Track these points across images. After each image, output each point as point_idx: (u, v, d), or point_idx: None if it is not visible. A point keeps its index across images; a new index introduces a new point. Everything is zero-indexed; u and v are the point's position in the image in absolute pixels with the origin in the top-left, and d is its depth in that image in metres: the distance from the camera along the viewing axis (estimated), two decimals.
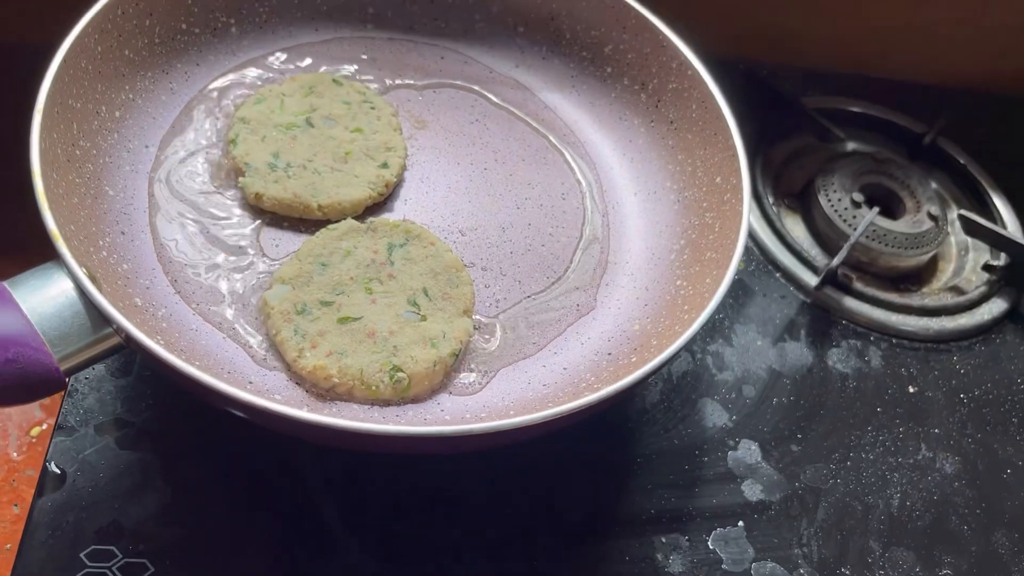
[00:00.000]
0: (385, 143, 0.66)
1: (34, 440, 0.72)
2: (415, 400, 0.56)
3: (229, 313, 0.58)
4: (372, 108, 0.67)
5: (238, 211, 0.62)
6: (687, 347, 0.64)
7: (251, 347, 0.56)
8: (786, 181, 0.84)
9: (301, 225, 0.62)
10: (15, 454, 0.71)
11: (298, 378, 0.55)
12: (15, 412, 0.73)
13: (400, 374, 0.54)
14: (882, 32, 0.91)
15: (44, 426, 0.73)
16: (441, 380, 0.56)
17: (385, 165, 0.65)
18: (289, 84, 0.67)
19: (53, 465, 0.56)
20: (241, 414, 0.49)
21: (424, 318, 0.57)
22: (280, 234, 0.62)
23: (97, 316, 0.49)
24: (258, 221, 0.62)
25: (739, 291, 0.74)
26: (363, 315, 0.56)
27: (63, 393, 0.59)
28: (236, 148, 0.63)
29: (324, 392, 0.55)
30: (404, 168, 0.66)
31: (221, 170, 0.64)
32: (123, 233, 0.59)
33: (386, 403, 0.55)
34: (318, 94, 0.67)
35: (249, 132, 0.64)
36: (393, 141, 0.66)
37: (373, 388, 0.54)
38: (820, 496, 0.64)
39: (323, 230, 0.60)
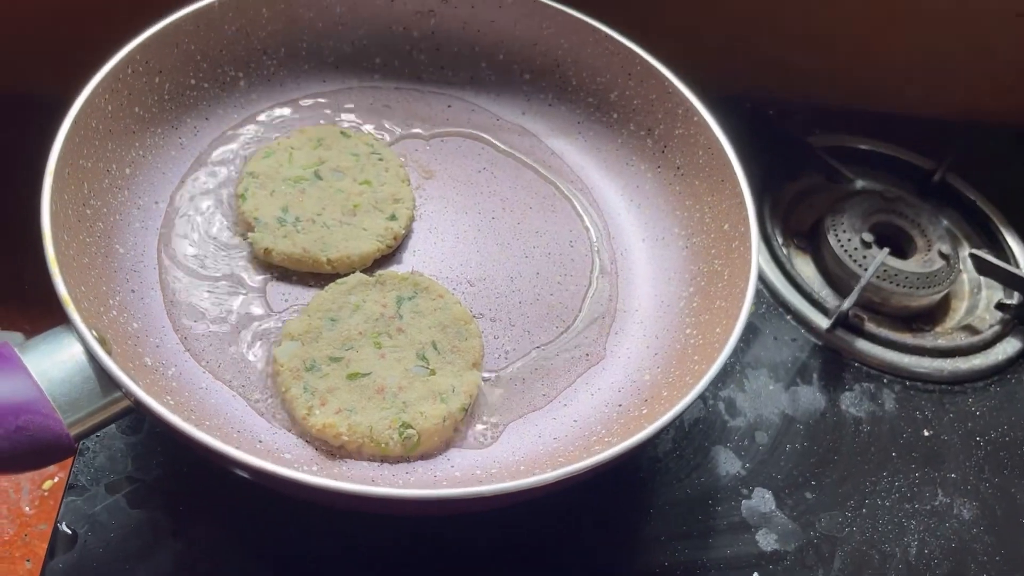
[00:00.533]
0: (393, 195, 0.66)
1: (46, 494, 0.72)
2: (425, 456, 0.55)
3: (238, 370, 0.58)
4: (380, 159, 0.68)
5: (247, 266, 0.62)
6: (700, 396, 0.64)
7: (260, 404, 0.56)
8: (795, 221, 0.83)
9: (310, 279, 0.62)
10: (27, 508, 0.71)
11: (308, 435, 0.55)
12: None
13: (410, 431, 0.54)
14: (889, 68, 0.91)
15: (56, 479, 0.73)
16: (451, 435, 0.56)
17: (393, 217, 0.65)
18: (297, 137, 0.68)
19: (64, 525, 0.56)
20: (250, 477, 0.49)
21: (433, 372, 0.57)
22: (289, 288, 0.62)
23: (107, 380, 0.49)
24: (267, 275, 0.62)
25: (749, 334, 0.74)
26: (372, 370, 0.56)
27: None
28: (245, 203, 0.63)
29: (334, 450, 0.55)
30: (412, 219, 0.67)
31: (229, 225, 0.64)
32: (133, 291, 0.59)
33: (396, 460, 0.55)
34: (326, 146, 0.68)
35: (258, 186, 0.64)
36: (401, 192, 0.66)
37: (383, 445, 0.54)
38: (836, 545, 0.63)
39: (332, 284, 0.60)
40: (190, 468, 0.59)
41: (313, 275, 0.63)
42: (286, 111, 0.72)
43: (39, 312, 0.70)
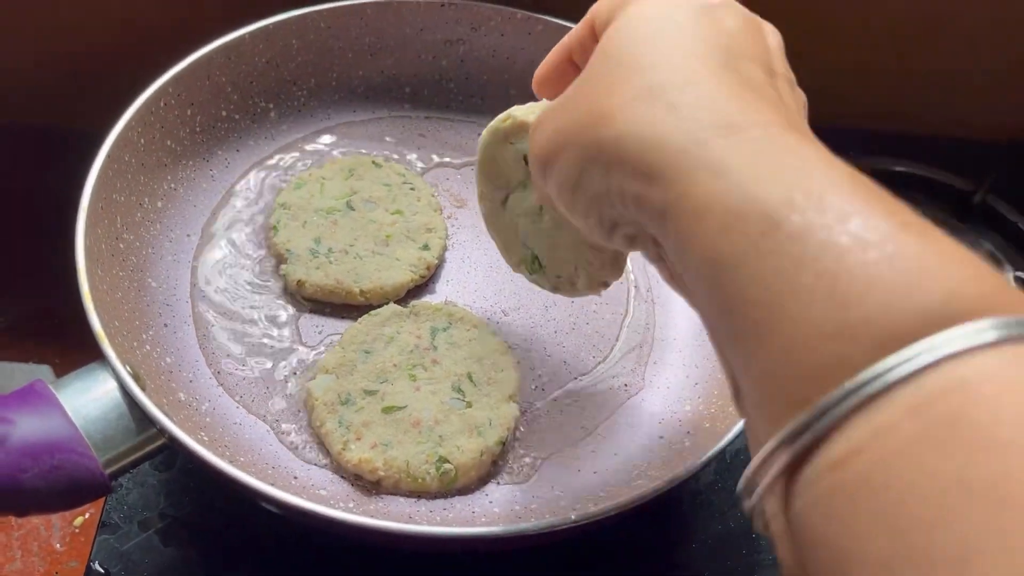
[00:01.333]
0: (426, 224, 0.65)
1: (77, 530, 0.71)
2: (462, 491, 0.54)
3: (272, 404, 0.57)
4: (412, 189, 0.67)
5: (280, 298, 0.62)
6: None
7: (295, 439, 0.56)
8: None
9: (344, 311, 0.62)
10: (58, 545, 0.71)
11: (343, 471, 0.54)
12: None
13: (447, 465, 0.53)
14: (924, 88, 0.89)
15: (87, 515, 0.72)
16: (488, 469, 0.55)
17: (426, 247, 0.64)
18: (329, 168, 0.68)
19: (97, 564, 0.56)
20: (285, 514, 0.48)
21: (469, 405, 0.56)
22: (322, 320, 0.61)
23: (141, 417, 0.48)
24: (300, 308, 0.62)
25: None
26: (407, 404, 0.55)
27: None
28: (277, 235, 0.63)
29: (370, 485, 0.54)
30: (445, 248, 0.66)
31: (262, 257, 0.63)
32: (166, 325, 0.59)
33: (433, 496, 0.54)
34: (358, 176, 0.67)
35: (290, 218, 0.64)
36: (433, 222, 0.66)
37: (419, 480, 0.53)
38: None
39: (365, 316, 0.60)
40: (224, 505, 0.58)
41: (347, 307, 0.62)
42: (317, 142, 0.71)
43: (69, 345, 0.69)
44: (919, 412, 0.24)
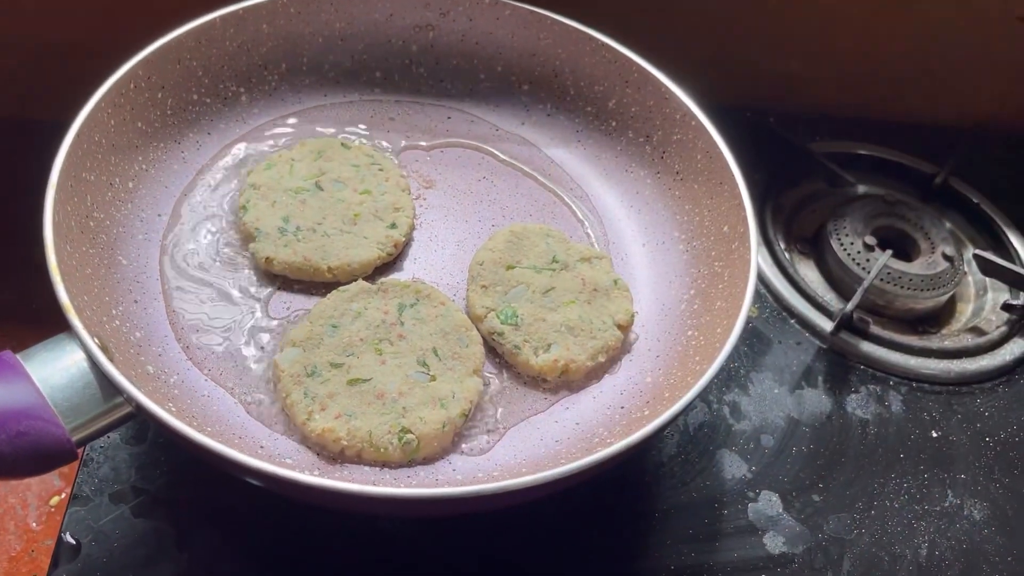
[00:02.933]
0: (393, 204, 0.67)
1: (53, 510, 0.72)
2: (425, 461, 0.55)
3: (240, 377, 0.58)
4: (380, 170, 0.68)
5: (249, 275, 0.63)
6: (702, 397, 0.63)
7: (261, 410, 0.57)
8: (798, 227, 0.83)
9: (312, 288, 0.63)
10: (34, 524, 0.72)
11: (308, 441, 0.55)
12: (34, 482, 0.73)
13: (409, 435, 0.54)
14: (889, 74, 0.91)
15: (63, 495, 0.73)
16: (451, 441, 0.56)
17: (393, 225, 0.65)
18: (299, 149, 0.69)
19: (68, 536, 0.56)
20: (253, 480, 0.49)
21: (434, 378, 0.57)
22: (291, 297, 0.62)
23: (108, 386, 0.49)
24: (269, 285, 0.63)
25: (754, 339, 0.73)
26: (372, 376, 0.56)
27: (78, 462, 0.59)
28: (247, 214, 0.64)
29: (334, 456, 0.55)
30: (413, 228, 0.67)
31: (231, 236, 0.64)
32: (136, 301, 0.60)
33: (397, 465, 0.55)
34: (327, 158, 0.68)
35: (259, 197, 0.65)
36: (401, 201, 0.67)
37: (382, 450, 0.54)
38: (845, 547, 0.62)
39: (334, 292, 0.61)
40: (195, 478, 0.59)
41: (315, 284, 0.63)
42: (287, 125, 0.72)
43: (48, 332, 0.70)
44: None
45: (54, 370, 0.49)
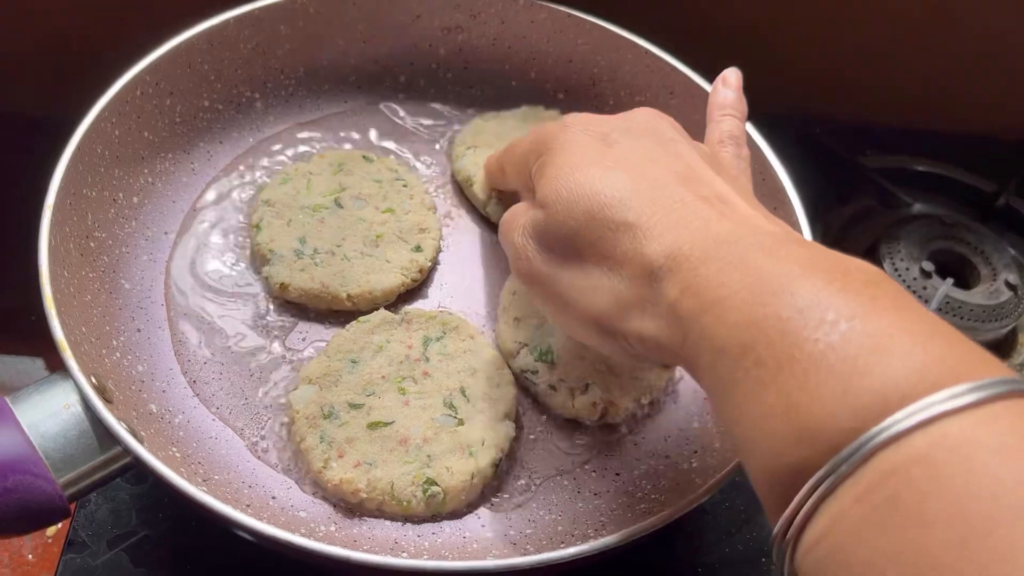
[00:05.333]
0: (419, 224, 0.62)
1: (50, 541, 0.68)
2: (452, 515, 0.50)
3: (251, 417, 0.53)
4: (404, 186, 0.63)
5: (262, 302, 0.58)
6: None
7: (273, 456, 0.52)
8: (847, 247, 0.77)
9: (330, 316, 0.58)
10: (30, 555, 0.67)
11: (324, 490, 0.50)
12: None
13: (435, 488, 0.49)
14: (945, 84, 0.85)
15: (60, 525, 0.68)
16: (480, 493, 0.51)
17: (419, 248, 0.60)
18: (317, 162, 0.64)
19: None
20: (260, 543, 0.44)
21: (461, 422, 0.52)
22: (307, 326, 0.57)
23: (105, 434, 0.45)
24: (284, 312, 0.58)
25: None
26: (395, 419, 0.52)
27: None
28: (260, 234, 0.59)
29: (353, 506, 0.50)
30: (439, 250, 0.62)
31: (243, 257, 0.60)
32: (139, 330, 0.55)
33: (420, 519, 0.50)
34: (347, 171, 0.63)
35: (274, 216, 0.60)
36: (427, 221, 0.62)
37: (405, 503, 0.49)
38: None
39: (354, 323, 0.56)
40: (199, 522, 0.55)
41: (333, 312, 0.58)
42: (305, 133, 0.67)
43: (46, 344, 0.66)
44: (861, 500, 0.29)
45: (45, 416, 0.45)
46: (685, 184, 0.42)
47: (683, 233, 0.39)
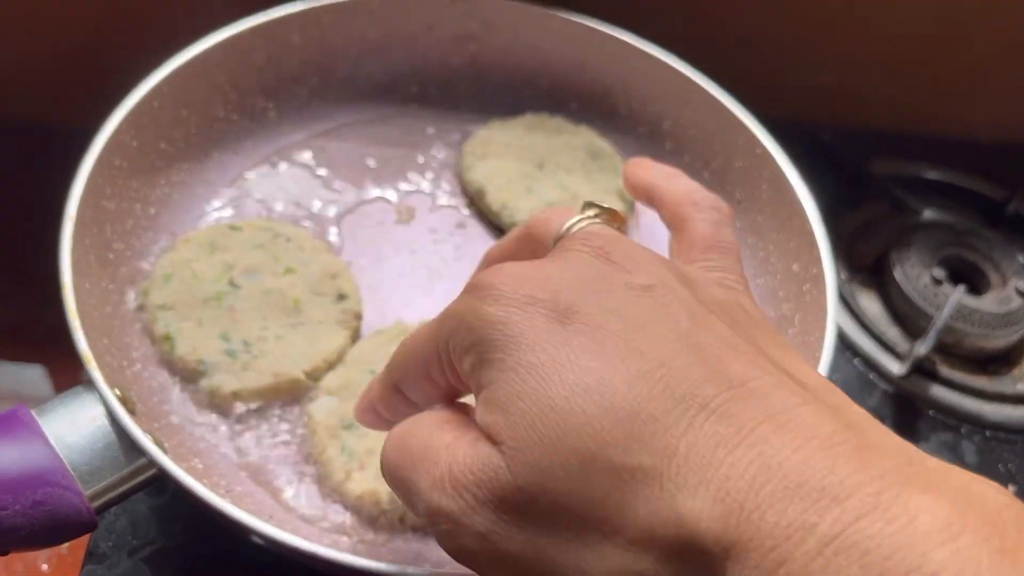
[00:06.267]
0: (325, 271, 0.58)
1: (65, 551, 0.68)
2: None
3: (270, 424, 0.53)
4: (288, 240, 0.59)
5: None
6: None
7: (295, 466, 0.52)
8: (858, 254, 0.78)
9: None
10: (45, 566, 0.67)
11: (344, 501, 0.51)
12: None
13: None
14: (954, 90, 0.86)
15: None
16: None
17: (342, 296, 0.57)
18: (185, 248, 0.58)
19: None
20: (284, 554, 0.44)
21: None
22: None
23: (130, 446, 0.45)
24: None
25: None
26: None
27: None
28: (178, 346, 0.54)
29: (374, 518, 0.50)
30: (356, 288, 0.59)
31: (174, 375, 0.54)
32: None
33: None
34: (222, 248, 0.58)
35: (179, 319, 0.55)
36: (332, 266, 0.58)
37: None
38: None
39: (372, 334, 0.56)
40: (220, 534, 0.55)
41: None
42: (325, 139, 0.68)
43: (60, 352, 0.67)
44: None
45: (71, 428, 0.45)
46: (714, 365, 0.27)
47: (747, 473, 0.24)
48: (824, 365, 0.52)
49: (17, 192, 0.73)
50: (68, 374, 0.62)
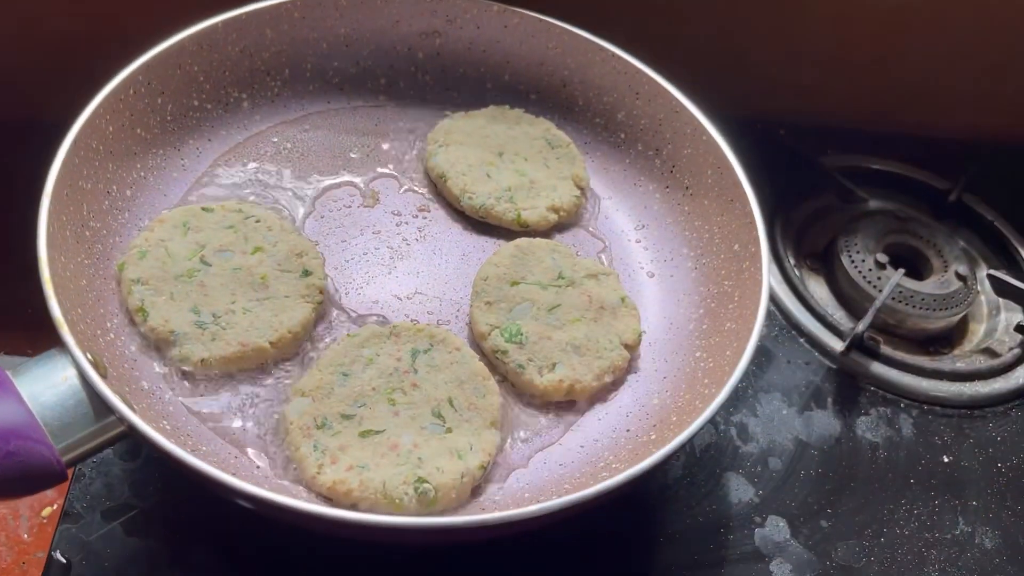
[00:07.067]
0: (292, 250, 0.61)
1: (45, 521, 0.71)
2: (442, 514, 0.52)
3: (240, 399, 0.56)
4: (258, 221, 0.62)
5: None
6: (709, 421, 0.62)
7: (259, 442, 0.55)
8: (808, 241, 0.82)
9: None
10: (26, 535, 0.70)
11: (317, 496, 0.52)
12: None
13: (426, 485, 0.52)
14: (901, 86, 0.89)
15: (55, 506, 0.71)
16: (468, 492, 0.53)
17: (306, 272, 0.60)
18: (160, 227, 0.61)
19: (58, 554, 0.55)
20: (249, 506, 0.47)
21: (450, 431, 0.54)
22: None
23: (100, 404, 0.48)
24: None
25: (762, 357, 0.72)
26: (385, 428, 0.54)
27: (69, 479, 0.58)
28: (151, 317, 0.56)
29: (346, 508, 0.52)
30: (323, 263, 0.62)
31: (147, 344, 0.57)
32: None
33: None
34: (195, 228, 0.61)
35: (152, 294, 0.57)
36: (299, 244, 0.62)
37: (397, 501, 0.51)
38: (854, 575, 0.61)
39: (344, 337, 0.58)
40: (189, 496, 0.58)
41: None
42: (293, 128, 0.71)
43: (43, 339, 0.69)
44: None
45: (45, 387, 0.48)
46: None
47: None
48: (755, 333, 0.55)
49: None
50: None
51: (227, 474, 0.46)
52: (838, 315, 0.76)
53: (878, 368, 0.72)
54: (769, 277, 0.59)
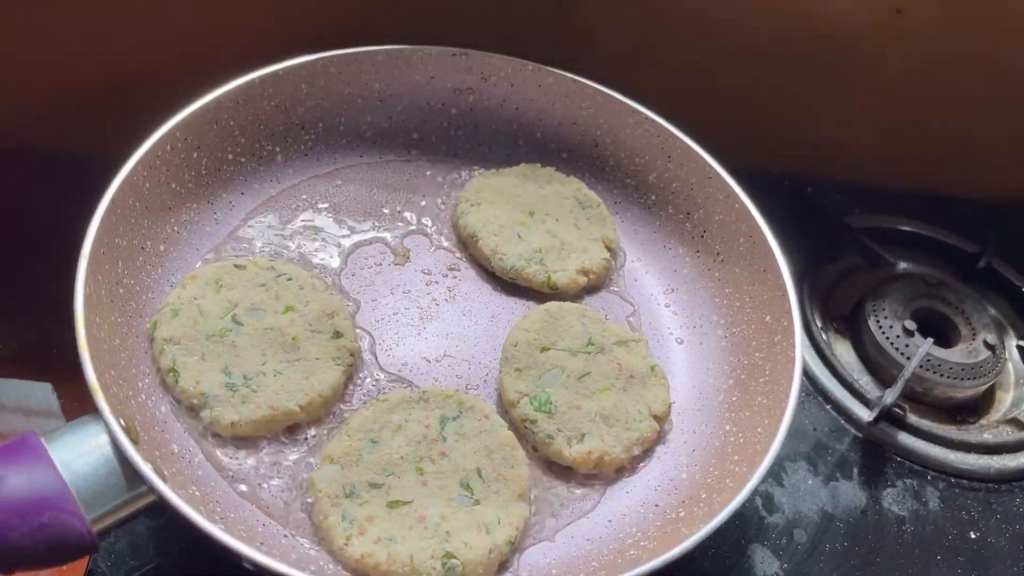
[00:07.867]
0: (323, 310, 0.61)
1: (65, 569, 0.70)
2: None
3: (268, 470, 0.56)
4: (290, 280, 0.63)
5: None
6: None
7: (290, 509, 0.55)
8: (834, 304, 0.81)
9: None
10: None
11: (344, 565, 0.52)
12: None
13: (454, 560, 0.51)
14: (930, 147, 0.89)
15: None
16: (496, 569, 0.53)
17: (338, 334, 0.61)
18: (192, 285, 0.61)
19: None
20: None
21: (478, 502, 0.54)
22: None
23: (132, 473, 0.48)
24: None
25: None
26: (414, 499, 0.54)
27: None
28: (182, 379, 0.56)
29: None
30: (355, 326, 0.62)
31: (178, 405, 0.57)
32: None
33: None
34: (227, 286, 0.61)
35: (184, 354, 0.57)
36: (330, 304, 0.62)
37: None
38: None
39: (374, 401, 0.58)
40: (216, 556, 0.57)
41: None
42: (324, 185, 0.71)
43: (67, 375, 0.69)
44: None
45: (78, 455, 0.48)
46: None
47: None
48: (788, 415, 0.55)
49: (38, 217, 0.76)
50: (72, 392, 0.64)
51: (253, 547, 0.46)
52: (864, 380, 0.76)
53: (905, 438, 0.71)
54: (802, 354, 0.58)
